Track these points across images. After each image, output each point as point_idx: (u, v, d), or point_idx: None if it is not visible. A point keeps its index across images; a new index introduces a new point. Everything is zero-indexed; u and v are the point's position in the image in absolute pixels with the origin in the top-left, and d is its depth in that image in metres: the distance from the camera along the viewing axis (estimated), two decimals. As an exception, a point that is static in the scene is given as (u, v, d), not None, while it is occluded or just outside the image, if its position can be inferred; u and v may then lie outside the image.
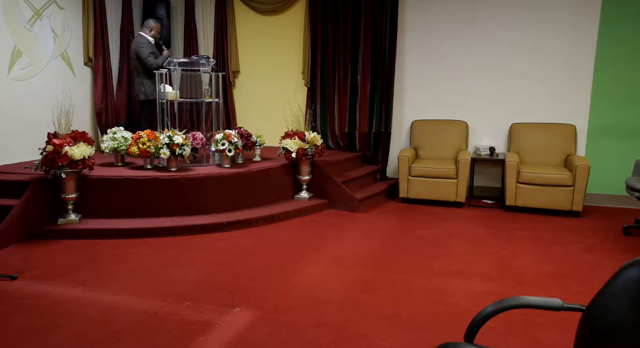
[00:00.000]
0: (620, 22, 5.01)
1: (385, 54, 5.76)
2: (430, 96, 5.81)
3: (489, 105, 5.57)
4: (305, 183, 4.92)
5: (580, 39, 5.15)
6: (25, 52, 4.89)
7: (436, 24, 5.68)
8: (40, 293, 2.78)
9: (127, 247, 3.67)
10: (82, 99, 5.69)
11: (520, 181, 4.82)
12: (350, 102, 6.04)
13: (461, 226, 4.40)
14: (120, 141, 4.63)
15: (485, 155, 5.35)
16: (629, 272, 1.09)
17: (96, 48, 5.77)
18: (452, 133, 5.58)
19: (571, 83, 5.23)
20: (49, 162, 3.74)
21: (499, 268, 3.27)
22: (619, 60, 5.07)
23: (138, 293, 2.82)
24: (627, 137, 5.12)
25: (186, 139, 4.49)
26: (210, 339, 2.28)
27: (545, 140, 5.22)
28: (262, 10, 6.49)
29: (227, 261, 3.38)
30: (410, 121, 5.85)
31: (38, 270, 3.17)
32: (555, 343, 2.24)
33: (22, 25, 4.86)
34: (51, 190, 3.96)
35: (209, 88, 5.10)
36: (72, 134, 3.97)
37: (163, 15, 6.51)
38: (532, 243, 3.84)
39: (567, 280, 3.07)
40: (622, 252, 3.63)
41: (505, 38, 5.42)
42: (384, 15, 5.71)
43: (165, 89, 4.87)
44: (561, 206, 4.71)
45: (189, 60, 4.96)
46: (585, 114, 5.22)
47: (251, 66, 6.70)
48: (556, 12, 5.20)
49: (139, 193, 4.18)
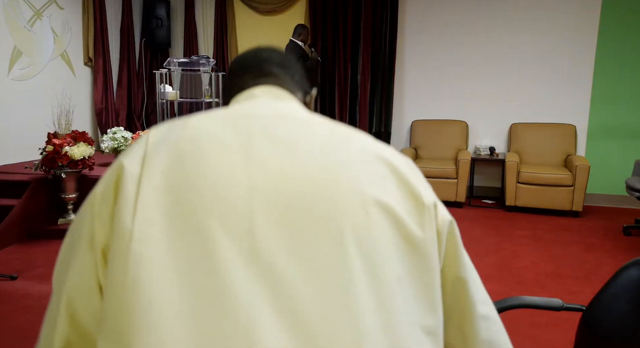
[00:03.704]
0: (620, 23, 5.01)
1: (385, 53, 5.76)
2: (430, 96, 5.81)
3: (489, 105, 5.57)
4: (305, 183, 4.92)
5: (581, 39, 5.15)
6: (25, 52, 4.89)
7: (436, 24, 5.68)
8: (40, 293, 2.78)
9: (127, 247, 3.66)
10: (82, 99, 5.69)
11: (520, 181, 4.82)
12: (350, 102, 6.04)
13: (461, 226, 4.36)
14: (120, 141, 4.63)
15: (485, 155, 5.35)
16: (629, 272, 1.09)
17: (96, 48, 5.77)
18: (452, 133, 5.58)
19: (571, 83, 5.23)
20: (49, 162, 3.74)
21: (499, 268, 3.27)
22: (619, 61, 5.06)
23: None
24: (627, 137, 5.12)
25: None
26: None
27: (545, 140, 5.21)
28: (262, 10, 6.49)
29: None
30: (410, 121, 5.85)
31: (38, 270, 3.17)
32: (555, 343, 2.24)
33: (22, 25, 4.86)
34: (51, 190, 3.95)
35: (209, 88, 5.10)
36: (72, 134, 3.97)
37: (163, 15, 6.50)
38: (532, 243, 3.84)
39: (567, 280, 3.07)
40: (622, 252, 3.63)
41: (506, 38, 5.42)
42: (384, 15, 5.71)
43: (165, 89, 4.88)
44: (561, 206, 4.70)
45: (189, 60, 4.96)
46: (585, 114, 5.22)
47: (251, 66, 6.69)
48: (556, 13, 5.20)
49: (139, 193, 4.17)
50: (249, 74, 0.79)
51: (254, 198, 0.54)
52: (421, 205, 0.60)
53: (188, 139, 0.59)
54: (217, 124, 0.61)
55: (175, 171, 0.55)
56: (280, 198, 0.55)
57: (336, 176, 0.57)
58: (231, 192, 0.54)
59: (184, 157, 0.56)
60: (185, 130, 0.60)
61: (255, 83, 0.77)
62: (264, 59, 0.82)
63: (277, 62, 0.82)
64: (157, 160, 0.56)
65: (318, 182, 0.56)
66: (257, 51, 0.85)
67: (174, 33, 6.85)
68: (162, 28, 6.52)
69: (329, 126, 0.65)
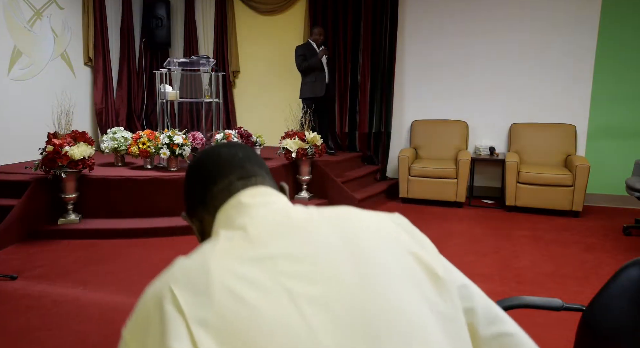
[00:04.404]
0: (620, 22, 5.01)
1: (385, 53, 5.77)
2: (430, 96, 5.81)
3: (489, 105, 5.57)
4: (305, 183, 4.92)
5: (580, 39, 5.14)
6: (25, 52, 4.89)
7: (436, 24, 5.68)
8: (40, 293, 2.78)
9: (127, 247, 3.66)
10: (82, 99, 5.69)
11: (520, 181, 4.82)
12: (350, 102, 6.04)
13: (461, 226, 4.40)
14: (120, 141, 4.63)
15: (485, 155, 5.35)
16: (629, 272, 1.09)
17: (96, 48, 5.77)
18: (452, 133, 5.58)
19: (571, 83, 5.23)
20: (49, 162, 3.74)
21: (499, 268, 3.27)
22: (619, 60, 5.06)
23: (138, 293, 2.81)
24: (627, 137, 5.12)
25: (186, 139, 4.49)
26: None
27: (545, 140, 5.21)
28: (262, 10, 6.49)
29: (227, 261, 3.38)
30: (410, 121, 5.85)
31: (38, 270, 3.17)
32: (555, 343, 2.24)
33: (22, 25, 4.86)
34: (51, 190, 3.95)
35: (209, 88, 5.11)
36: (72, 134, 3.97)
37: (163, 15, 6.51)
38: (532, 243, 3.84)
39: (567, 280, 3.07)
40: (622, 252, 3.62)
41: (506, 38, 5.42)
42: (384, 15, 5.71)
43: (165, 89, 4.88)
44: (561, 206, 4.70)
45: (189, 60, 4.96)
46: (585, 114, 5.22)
47: (251, 66, 6.70)
48: (556, 13, 5.20)
49: (139, 193, 4.17)
50: (232, 174, 0.77)
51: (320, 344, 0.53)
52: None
53: (230, 302, 0.54)
54: (245, 269, 0.57)
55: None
56: (347, 319, 0.55)
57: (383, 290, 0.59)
58: (293, 341, 0.52)
59: (236, 327, 0.52)
60: (217, 291, 0.54)
61: (243, 185, 0.75)
62: (241, 158, 0.80)
63: (254, 160, 0.81)
64: (207, 341, 0.51)
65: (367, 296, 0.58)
66: (230, 149, 0.82)
67: (174, 33, 6.85)
68: (162, 28, 6.52)
69: (331, 223, 0.67)
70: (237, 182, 0.76)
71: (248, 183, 0.76)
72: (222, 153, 0.80)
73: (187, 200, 0.82)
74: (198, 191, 0.79)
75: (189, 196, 0.81)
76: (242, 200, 0.72)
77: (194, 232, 0.83)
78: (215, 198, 0.75)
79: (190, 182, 0.81)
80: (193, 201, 0.80)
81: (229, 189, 0.75)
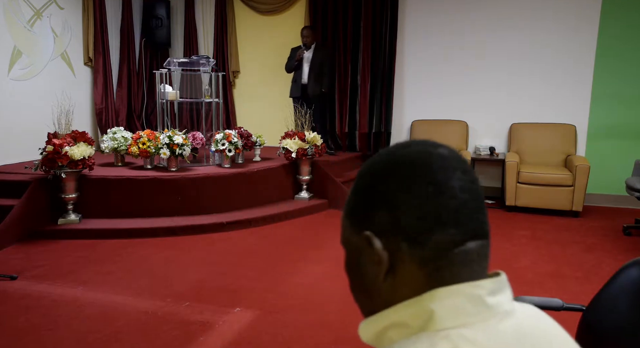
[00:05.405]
0: (620, 22, 5.01)
1: (385, 53, 5.76)
2: (430, 96, 5.81)
3: (489, 105, 5.57)
4: (305, 183, 4.92)
5: (581, 38, 5.14)
6: (25, 52, 4.89)
7: (436, 24, 5.68)
8: (40, 293, 2.78)
9: (127, 247, 3.66)
10: (82, 99, 5.69)
11: (520, 181, 4.82)
12: (350, 102, 6.04)
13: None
14: (120, 141, 4.63)
15: (485, 155, 5.35)
16: (629, 272, 1.09)
17: (96, 48, 5.77)
18: (452, 133, 5.57)
19: (571, 83, 5.23)
20: (49, 162, 3.74)
21: (499, 268, 3.26)
22: (619, 60, 5.06)
23: (138, 293, 2.82)
24: (627, 137, 5.12)
25: (186, 139, 4.49)
26: (210, 339, 2.28)
27: (545, 140, 5.21)
28: (262, 10, 6.49)
29: (227, 261, 3.38)
30: (410, 121, 5.85)
31: (38, 270, 3.17)
32: (555, 343, 2.24)
33: (22, 25, 4.86)
34: (51, 190, 3.95)
35: (209, 88, 5.10)
36: (72, 134, 3.97)
37: (163, 15, 6.50)
38: (532, 243, 3.84)
39: (567, 280, 3.07)
40: (622, 252, 3.62)
41: (506, 38, 5.41)
42: (384, 15, 5.71)
43: (165, 89, 4.88)
44: (561, 206, 4.70)
45: (189, 60, 4.96)
46: (585, 114, 5.21)
47: (251, 66, 6.70)
48: (556, 12, 5.20)
49: (139, 193, 4.17)
50: (468, 224, 0.50)
51: None
52: None
53: None
54: None
55: None
56: None
57: None
58: None
59: None
60: None
61: (479, 254, 0.53)
62: (477, 191, 0.52)
63: (482, 199, 0.54)
64: None
65: None
66: (467, 174, 0.52)
67: (174, 33, 6.85)
68: (162, 28, 6.52)
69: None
70: (470, 242, 0.51)
71: (483, 251, 0.52)
72: (466, 187, 0.51)
73: (376, 212, 0.52)
74: (423, 209, 0.49)
75: (390, 207, 0.51)
76: (483, 295, 0.50)
77: (354, 261, 0.55)
78: (440, 245, 0.49)
79: (410, 189, 0.50)
80: (396, 219, 0.50)
81: (464, 252, 0.50)
